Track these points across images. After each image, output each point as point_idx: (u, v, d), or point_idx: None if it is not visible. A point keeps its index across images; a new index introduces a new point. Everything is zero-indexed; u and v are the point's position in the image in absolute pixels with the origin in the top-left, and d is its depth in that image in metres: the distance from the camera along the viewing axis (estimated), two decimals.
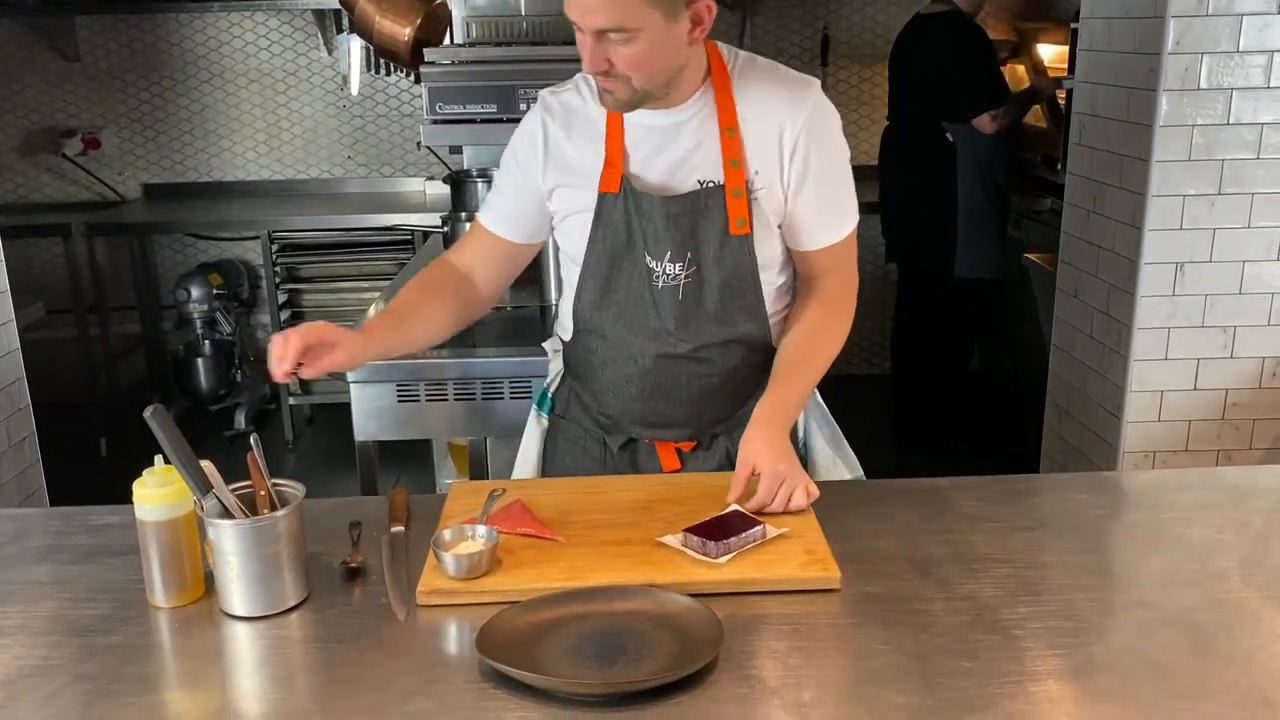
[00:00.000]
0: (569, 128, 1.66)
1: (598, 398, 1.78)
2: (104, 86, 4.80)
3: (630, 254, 1.64)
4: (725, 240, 1.61)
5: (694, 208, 1.60)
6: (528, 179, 1.69)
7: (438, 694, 1.18)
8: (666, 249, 1.62)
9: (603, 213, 1.63)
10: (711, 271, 1.63)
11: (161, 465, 1.37)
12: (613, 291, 1.67)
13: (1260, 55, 2.60)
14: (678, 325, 1.66)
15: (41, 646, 1.29)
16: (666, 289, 1.64)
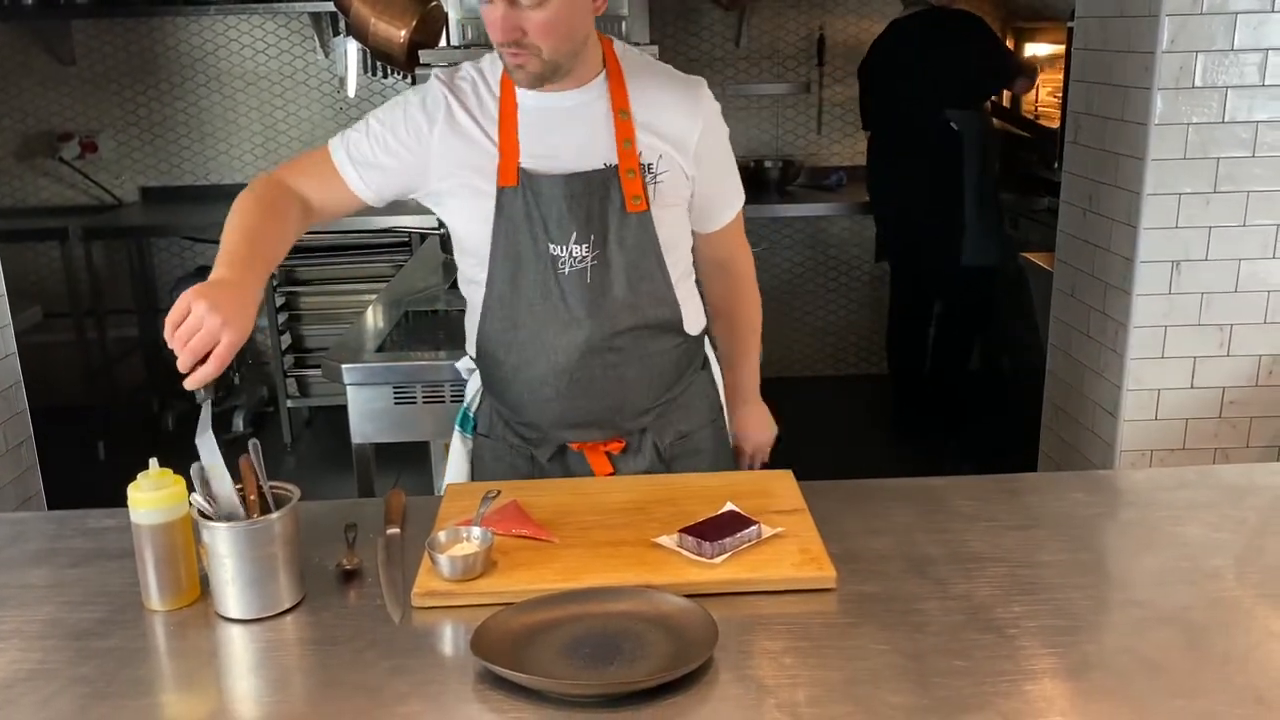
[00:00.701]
0: (468, 108, 1.64)
1: (516, 409, 1.74)
2: (100, 90, 4.80)
3: (534, 246, 1.63)
4: (624, 219, 1.63)
5: (593, 187, 1.62)
6: (414, 145, 1.64)
7: (433, 696, 1.18)
8: (571, 230, 1.62)
9: (503, 207, 1.62)
10: (615, 252, 1.64)
11: (156, 468, 1.37)
12: (520, 288, 1.65)
13: (1255, 53, 2.60)
14: (588, 314, 1.64)
15: (38, 650, 1.29)
16: (574, 274, 1.63)
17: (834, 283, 5.14)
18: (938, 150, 4.07)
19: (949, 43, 4.07)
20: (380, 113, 1.68)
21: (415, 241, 4.32)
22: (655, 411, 1.76)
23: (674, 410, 1.78)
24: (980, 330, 4.45)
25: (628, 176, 1.62)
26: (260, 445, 1.39)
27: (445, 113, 1.63)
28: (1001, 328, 4.44)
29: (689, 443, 1.81)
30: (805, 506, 1.55)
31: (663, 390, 1.75)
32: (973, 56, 4.05)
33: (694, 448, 1.82)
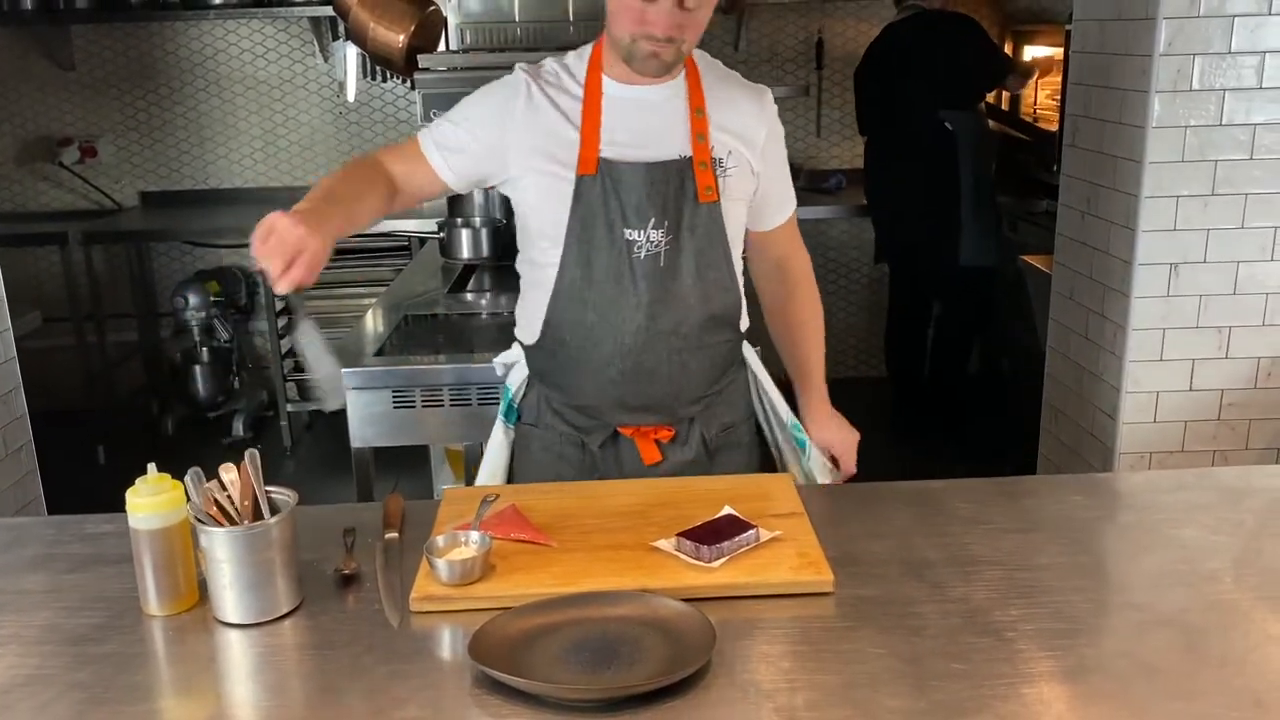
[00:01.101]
0: (550, 96, 1.71)
1: (575, 392, 1.78)
2: (100, 95, 4.80)
3: (609, 231, 1.69)
4: (696, 208, 1.71)
5: (670, 175, 1.70)
6: (496, 130, 1.71)
7: (431, 700, 1.18)
8: (649, 216, 1.69)
9: (581, 193, 1.68)
10: (687, 239, 1.71)
11: (155, 473, 1.37)
12: (594, 271, 1.70)
13: (1252, 56, 2.60)
14: (657, 298, 1.70)
15: (35, 656, 1.29)
16: (647, 259, 1.69)
17: (833, 285, 5.14)
18: (933, 151, 4.08)
19: (941, 44, 4.09)
20: (467, 100, 1.76)
21: (415, 246, 4.32)
22: (705, 401, 1.82)
23: (720, 402, 1.85)
24: (979, 332, 4.46)
25: (700, 169, 1.71)
26: (260, 449, 1.39)
27: (525, 99, 1.71)
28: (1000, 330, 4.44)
29: (732, 435, 1.87)
30: (803, 510, 1.56)
31: (714, 380, 1.82)
32: (965, 57, 4.06)
33: (735, 440, 1.88)
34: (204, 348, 4.65)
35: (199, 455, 1.36)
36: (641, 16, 1.61)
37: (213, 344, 4.67)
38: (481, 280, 3.18)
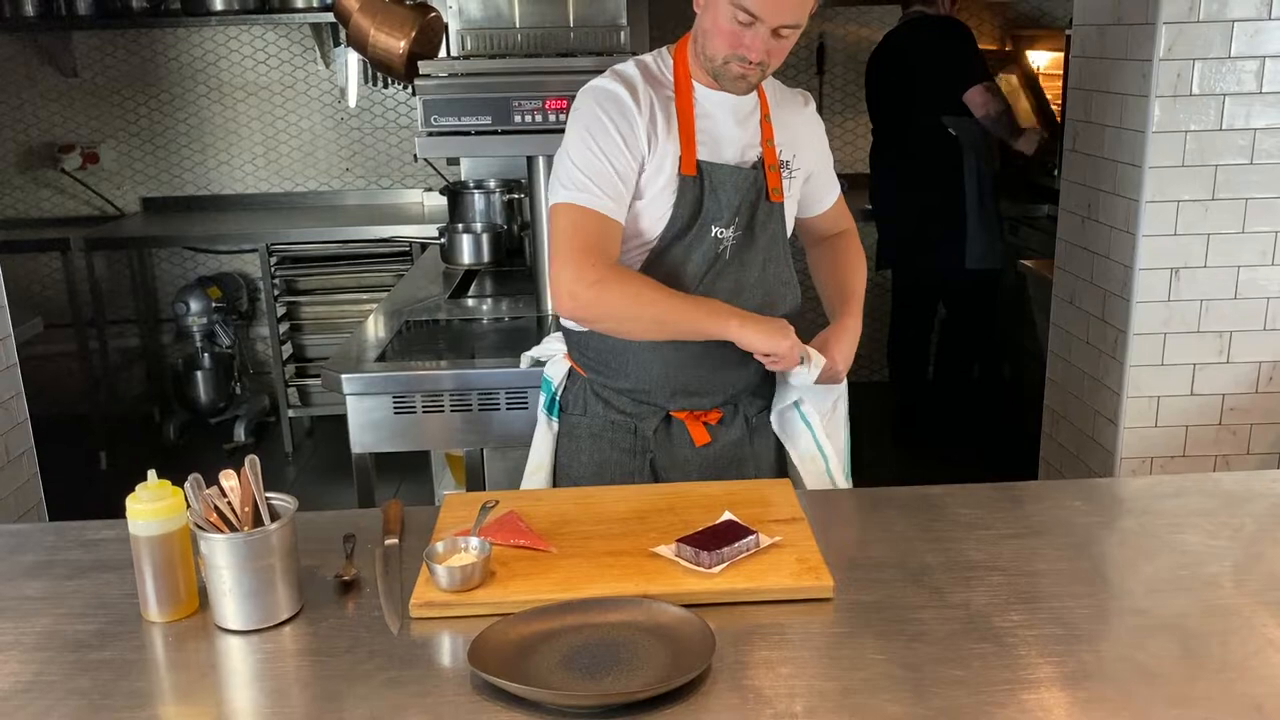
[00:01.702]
0: (652, 109, 1.76)
1: (634, 377, 1.84)
2: (102, 101, 4.81)
3: (702, 229, 1.78)
4: (769, 208, 1.84)
5: (753, 178, 1.81)
6: (633, 157, 1.74)
7: (430, 707, 1.18)
8: (735, 216, 1.79)
9: (683, 193, 1.76)
10: (758, 236, 1.83)
11: (155, 480, 1.37)
12: (685, 265, 1.79)
13: (1252, 61, 2.60)
14: (724, 290, 1.80)
15: (35, 662, 1.29)
16: (724, 251, 1.80)
17: None
18: (936, 156, 4.08)
19: (925, 47, 4.11)
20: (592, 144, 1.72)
21: (416, 251, 4.33)
22: (750, 386, 1.91)
23: (761, 386, 1.94)
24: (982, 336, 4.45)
25: (771, 171, 1.83)
26: (260, 455, 1.39)
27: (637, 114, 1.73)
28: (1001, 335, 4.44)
29: (765, 416, 1.96)
30: (803, 515, 1.56)
31: (761, 367, 1.86)
32: (941, 60, 4.06)
33: (766, 420, 1.96)
34: (205, 353, 4.66)
35: (200, 461, 1.36)
36: (739, 40, 1.67)
37: (214, 350, 4.68)
38: (483, 285, 3.18)
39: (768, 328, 1.73)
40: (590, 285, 1.68)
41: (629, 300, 1.70)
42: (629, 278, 1.72)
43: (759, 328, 1.72)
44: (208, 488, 1.36)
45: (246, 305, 4.91)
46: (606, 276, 1.69)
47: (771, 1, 1.64)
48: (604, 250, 1.71)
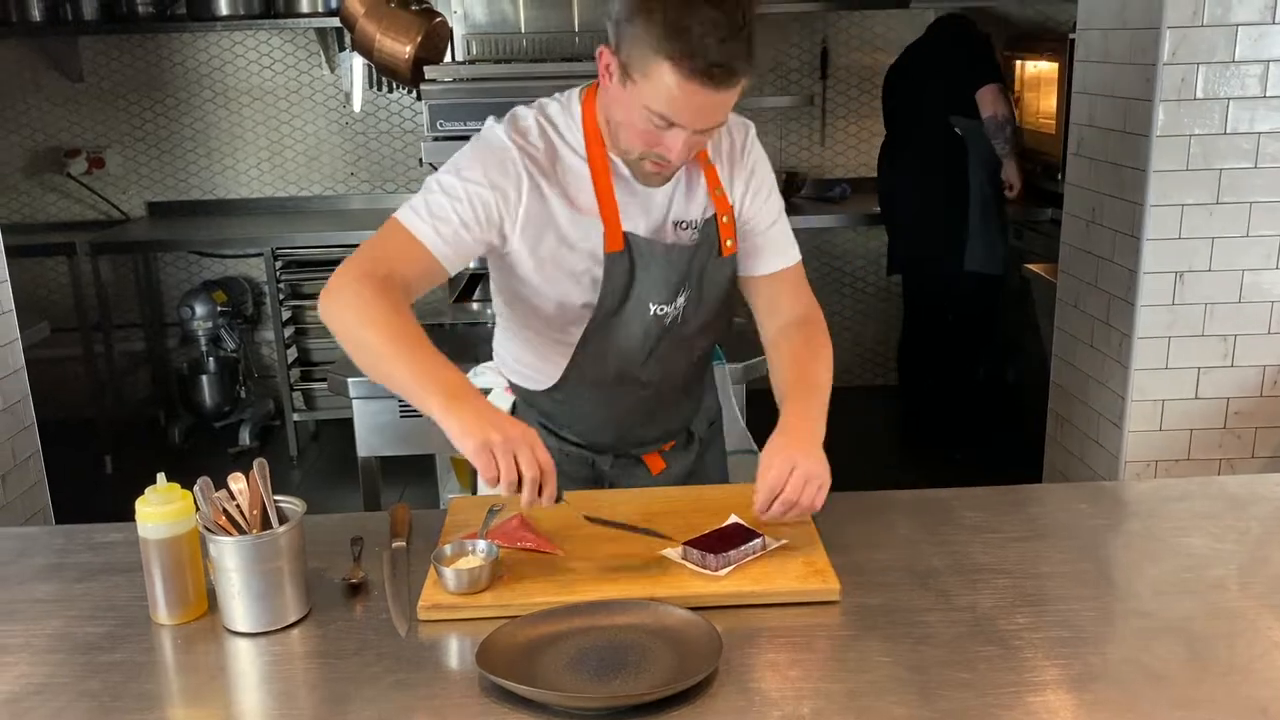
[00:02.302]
0: (557, 180, 1.56)
1: (587, 434, 1.77)
2: (108, 106, 4.83)
3: (636, 304, 1.62)
4: (719, 264, 1.66)
5: (700, 245, 1.64)
6: (492, 217, 1.53)
7: (438, 709, 1.19)
8: (677, 291, 1.64)
9: (611, 271, 1.59)
10: (707, 293, 1.67)
11: (164, 483, 1.38)
12: (619, 339, 1.65)
13: (1256, 65, 2.61)
14: (673, 347, 1.69)
15: (45, 664, 1.30)
16: (668, 320, 1.66)
17: (839, 294, 5.14)
18: (941, 157, 4.08)
19: (937, 45, 4.13)
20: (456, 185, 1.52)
21: None
22: (697, 411, 1.86)
23: (712, 402, 1.90)
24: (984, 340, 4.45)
25: (723, 222, 1.64)
26: (266, 459, 1.39)
27: (531, 189, 1.53)
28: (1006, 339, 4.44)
29: (715, 428, 1.92)
30: (810, 519, 1.56)
31: (702, 391, 1.85)
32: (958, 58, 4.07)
33: (717, 429, 1.93)
34: (211, 357, 4.67)
35: (205, 465, 1.37)
36: (655, 140, 1.47)
37: (219, 354, 4.69)
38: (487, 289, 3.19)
39: (493, 424, 1.35)
40: (337, 288, 1.45)
41: (354, 320, 1.43)
42: (373, 300, 1.43)
43: (476, 422, 1.34)
44: (216, 491, 1.37)
45: (251, 309, 4.92)
46: (357, 285, 1.44)
47: (693, 111, 1.42)
48: (394, 272, 1.46)
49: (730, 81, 1.42)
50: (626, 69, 1.43)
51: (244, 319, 4.87)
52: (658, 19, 1.38)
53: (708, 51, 1.37)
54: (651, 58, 1.39)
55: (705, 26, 1.37)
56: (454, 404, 1.36)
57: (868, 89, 4.91)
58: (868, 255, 5.10)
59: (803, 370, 1.65)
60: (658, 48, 1.38)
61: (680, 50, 1.37)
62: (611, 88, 1.48)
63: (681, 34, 1.37)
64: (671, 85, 1.40)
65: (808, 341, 1.69)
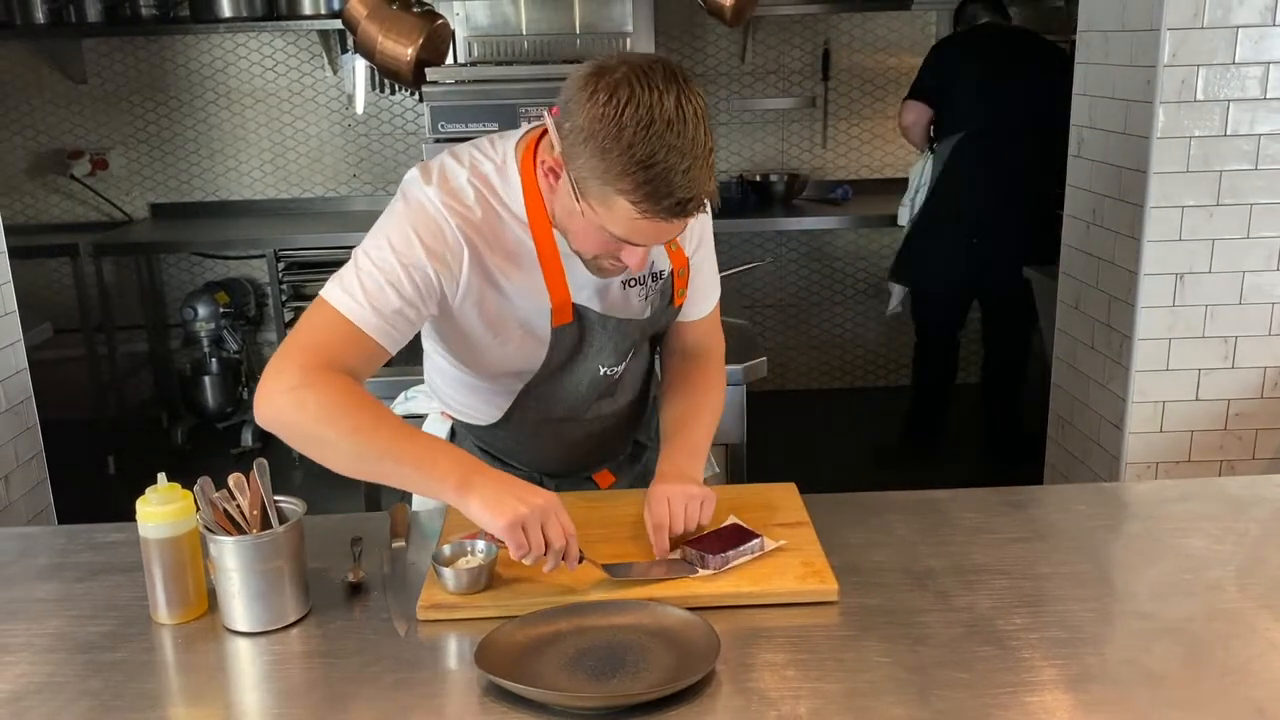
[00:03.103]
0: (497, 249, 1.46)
1: (531, 463, 1.74)
2: (111, 108, 4.84)
3: (584, 363, 1.60)
4: (670, 313, 1.66)
5: (651, 319, 1.62)
6: (433, 291, 1.44)
7: (438, 708, 1.19)
8: (624, 356, 1.63)
9: (557, 341, 1.54)
10: (646, 341, 1.69)
11: (165, 483, 1.38)
12: (560, 395, 1.63)
13: (1256, 67, 2.61)
14: (614, 399, 1.69)
15: (47, 663, 1.31)
16: (610, 379, 1.65)
17: (839, 295, 5.15)
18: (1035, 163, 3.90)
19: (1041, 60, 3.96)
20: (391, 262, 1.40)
21: None
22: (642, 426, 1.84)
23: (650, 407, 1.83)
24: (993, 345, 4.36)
25: (679, 275, 1.60)
26: (268, 459, 1.40)
27: (471, 258, 1.44)
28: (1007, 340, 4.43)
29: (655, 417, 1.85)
30: (808, 519, 1.56)
31: (643, 409, 1.81)
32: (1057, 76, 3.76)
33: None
34: (213, 358, 4.68)
35: (208, 465, 1.37)
36: (613, 249, 1.38)
37: (222, 355, 4.70)
38: None
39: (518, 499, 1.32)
40: (288, 389, 1.34)
41: (313, 419, 1.34)
42: (332, 391, 1.34)
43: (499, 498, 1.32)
44: (216, 491, 1.37)
45: (254, 310, 4.92)
46: (314, 382, 1.34)
47: (655, 236, 1.35)
48: (336, 361, 1.37)
49: (696, 209, 1.32)
50: (580, 192, 1.32)
51: (246, 320, 4.87)
52: (615, 155, 1.25)
53: (673, 189, 1.27)
54: (610, 193, 1.29)
55: (669, 160, 1.25)
56: (471, 486, 1.34)
57: (869, 90, 4.92)
58: (868, 257, 5.10)
59: (695, 407, 1.64)
60: (616, 185, 1.27)
61: (642, 189, 1.26)
62: (561, 196, 1.38)
63: (641, 172, 1.25)
64: (633, 219, 1.30)
65: (704, 376, 1.68)
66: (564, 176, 1.35)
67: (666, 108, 1.25)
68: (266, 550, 1.33)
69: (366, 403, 1.36)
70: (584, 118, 1.27)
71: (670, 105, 1.25)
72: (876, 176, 4.96)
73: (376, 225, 1.46)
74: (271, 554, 1.34)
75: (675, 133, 1.25)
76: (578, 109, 1.28)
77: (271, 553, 1.34)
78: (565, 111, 1.32)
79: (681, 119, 1.25)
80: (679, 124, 1.25)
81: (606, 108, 1.25)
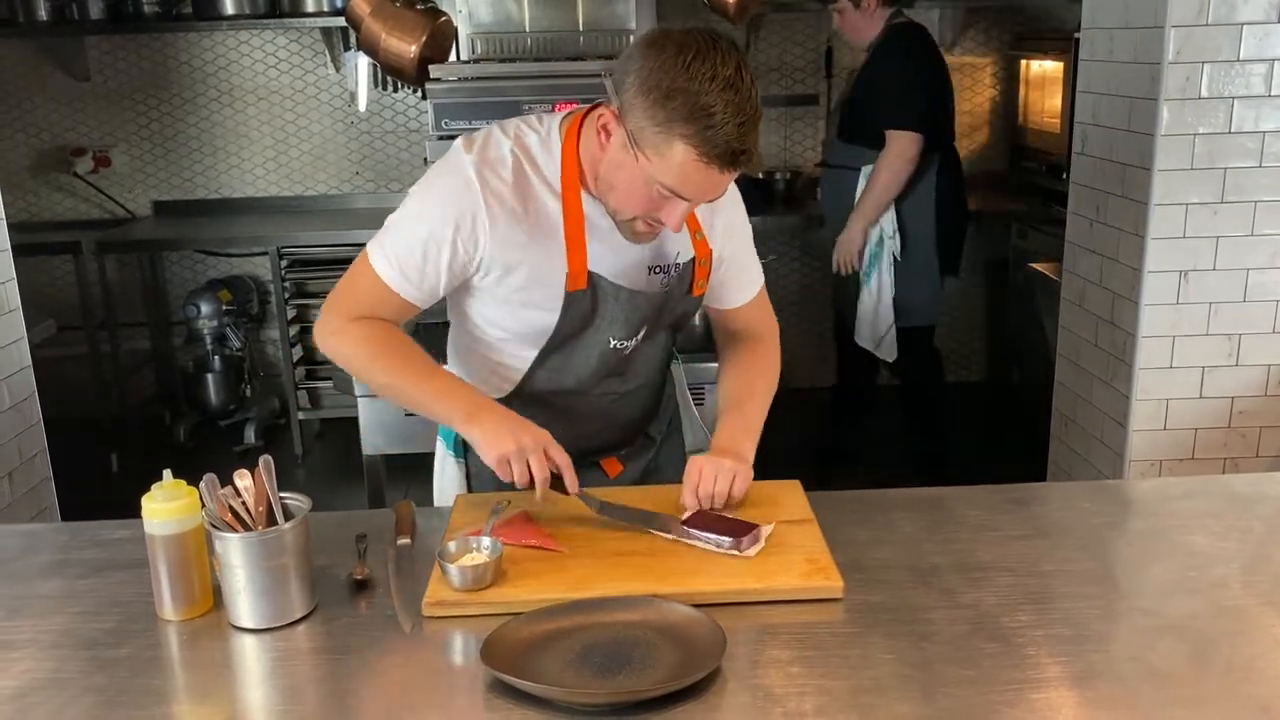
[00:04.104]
0: (522, 218, 1.55)
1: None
2: (114, 105, 4.84)
3: (596, 335, 1.64)
4: (688, 302, 1.71)
5: (666, 295, 1.66)
6: (461, 259, 1.55)
7: (443, 705, 1.20)
8: (635, 330, 1.66)
9: (570, 306, 1.60)
10: (660, 325, 1.71)
11: (171, 479, 1.38)
12: (570, 366, 1.67)
13: (1260, 64, 2.60)
14: (624, 378, 1.73)
15: (51, 659, 1.31)
16: (620, 353, 1.68)
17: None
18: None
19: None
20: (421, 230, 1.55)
21: None
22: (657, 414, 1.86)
23: (668, 403, 1.89)
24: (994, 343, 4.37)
25: (700, 265, 1.67)
26: (272, 457, 1.40)
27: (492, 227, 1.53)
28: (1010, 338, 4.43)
29: (674, 426, 1.91)
30: (813, 516, 1.56)
31: (660, 396, 1.84)
32: None
33: (675, 427, 1.92)
34: (216, 356, 4.68)
35: (211, 463, 1.37)
36: (655, 206, 1.48)
37: (224, 352, 4.70)
38: None
39: (510, 433, 1.49)
40: (330, 333, 1.59)
41: (357, 359, 1.59)
42: (370, 338, 1.57)
43: (496, 432, 1.49)
44: (221, 488, 1.37)
45: (257, 308, 4.92)
46: (349, 330, 1.57)
47: (703, 189, 1.45)
48: (375, 314, 1.58)
49: (745, 163, 1.43)
50: (636, 141, 1.42)
51: (249, 318, 4.87)
52: (679, 101, 1.37)
53: (729, 137, 1.38)
54: (668, 138, 1.39)
55: (727, 111, 1.37)
56: (475, 420, 1.52)
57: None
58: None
59: (749, 386, 1.74)
60: (678, 129, 1.38)
61: (701, 135, 1.38)
62: (611, 152, 1.47)
63: (704, 117, 1.37)
64: (686, 165, 1.41)
65: (757, 357, 1.79)
66: (617, 132, 1.45)
67: (729, 69, 1.38)
68: (272, 547, 1.34)
69: (393, 345, 1.58)
70: (650, 70, 1.39)
71: (731, 69, 1.38)
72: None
73: (417, 184, 1.61)
74: (277, 551, 1.34)
75: (734, 90, 1.37)
76: (644, 62, 1.40)
77: (277, 549, 1.34)
78: (626, 69, 1.43)
79: (740, 80, 1.38)
80: (739, 83, 1.38)
81: (676, 59, 1.38)
